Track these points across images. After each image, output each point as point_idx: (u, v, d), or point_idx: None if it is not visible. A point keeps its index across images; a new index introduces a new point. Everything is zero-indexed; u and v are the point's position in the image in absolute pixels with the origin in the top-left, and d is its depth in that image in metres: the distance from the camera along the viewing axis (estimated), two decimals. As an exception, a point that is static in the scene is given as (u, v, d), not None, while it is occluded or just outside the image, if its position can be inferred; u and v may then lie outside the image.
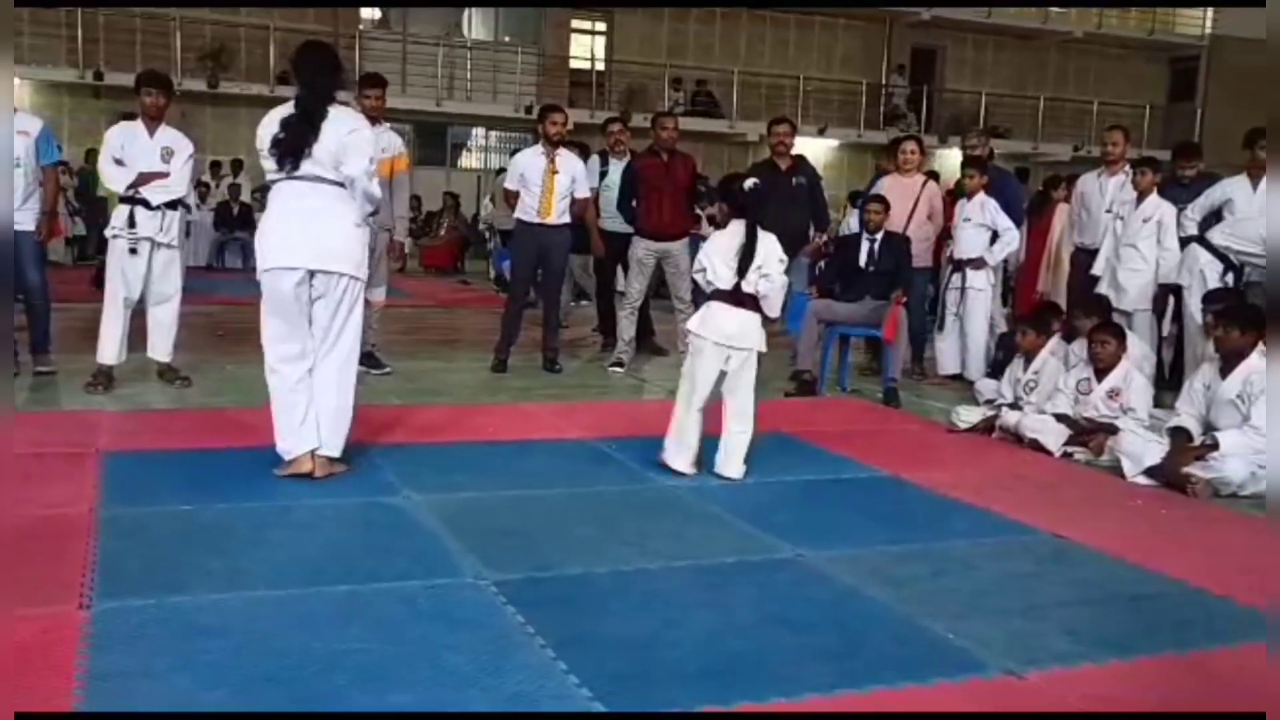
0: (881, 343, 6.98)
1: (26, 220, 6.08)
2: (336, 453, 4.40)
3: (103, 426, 5.13)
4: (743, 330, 4.68)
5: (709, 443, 4.77)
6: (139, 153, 5.96)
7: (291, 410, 4.31)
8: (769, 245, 4.73)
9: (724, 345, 4.66)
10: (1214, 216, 6.57)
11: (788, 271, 7.14)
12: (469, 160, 20.95)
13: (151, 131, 6.02)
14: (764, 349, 4.77)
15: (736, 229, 4.72)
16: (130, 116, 6.22)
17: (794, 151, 7.56)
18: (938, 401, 6.84)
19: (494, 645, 2.85)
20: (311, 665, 2.67)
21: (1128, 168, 7.24)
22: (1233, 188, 6.52)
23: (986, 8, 22.06)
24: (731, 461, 4.71)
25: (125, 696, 2.47)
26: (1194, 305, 6.45)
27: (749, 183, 4.78)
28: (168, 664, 2.64)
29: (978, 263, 7.25)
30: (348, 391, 4.41)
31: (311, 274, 4.23)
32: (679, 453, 4.73)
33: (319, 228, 4.23)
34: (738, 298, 4.67)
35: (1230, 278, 6.42)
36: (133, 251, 5.96)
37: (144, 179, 5.92)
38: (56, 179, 6.45)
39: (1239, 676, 2.93)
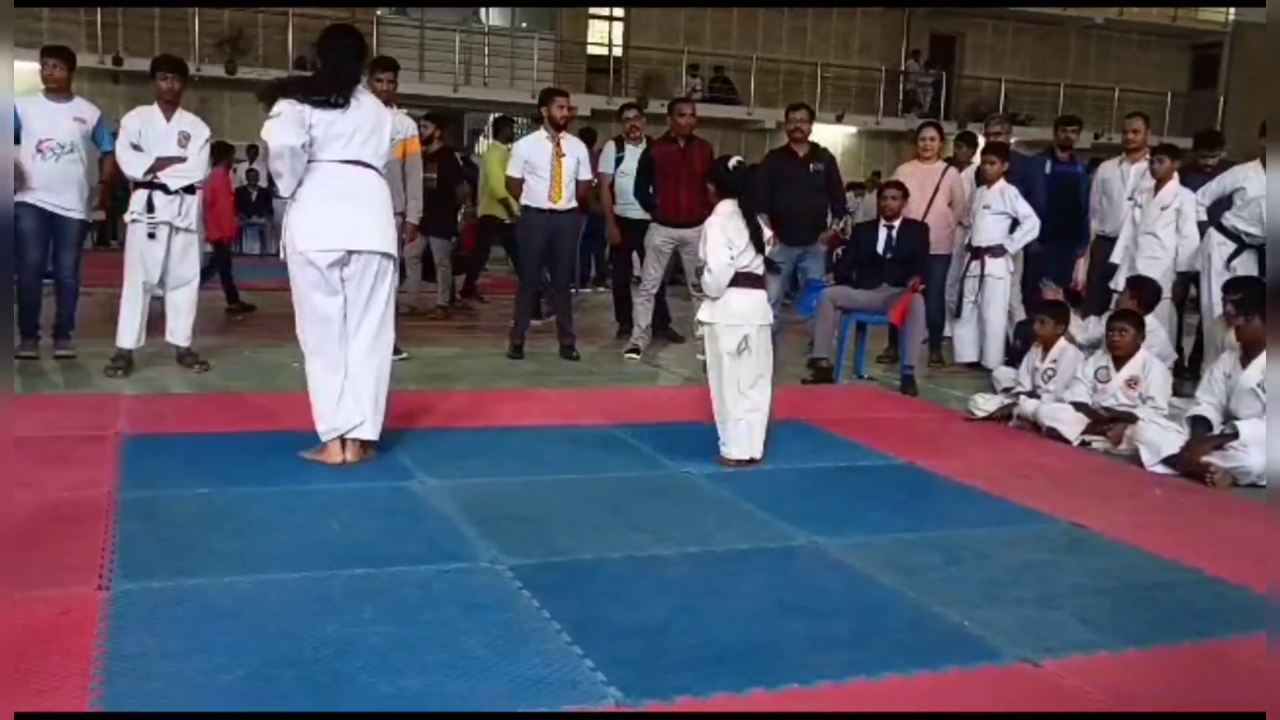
0: (899, 330, 6.95)
1: (74, 204, 6.16)
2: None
3: (122, 410, 5.17)
4: (755, 308, 4.68)
5: (709, 431, 4.76)
6: (156, 138, 5.98)
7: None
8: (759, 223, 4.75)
9: (740, 325, 4.63)
10: (1225, 202, 6.52)
11: (805, 258, 7.25)
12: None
13: (168, 116, 6.04)
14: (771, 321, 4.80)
15: (730, 210, 4.67)
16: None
17: (811, 138, 7.53)
18: (955, 390, 6.81)
19: (509, 629, 2.85)
20: (326, 648, 2.69)
21: (1148, 155, 7.19)
22: (1245, 174, 6.47)
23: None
24: (755, 442, 4.69)
25: (144, 678, 2.48)
26: (1211, 292, 6.40)
27: (733, 161, 4.75)
28: (185, 645, 2.66)
29: (997, 250, 7.20)
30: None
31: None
32: (737, 441, 4.67)
33: None
34: (751, 279, 4.66)
35: (1240, 262, 6.35)
36: (151, 236, 5.98)
37: (161, 164, 5.94)
38: (114, 165, 6.47)
39: (1256, 666, 2.91)
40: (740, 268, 4.62)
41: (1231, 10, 23.37)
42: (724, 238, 4.60)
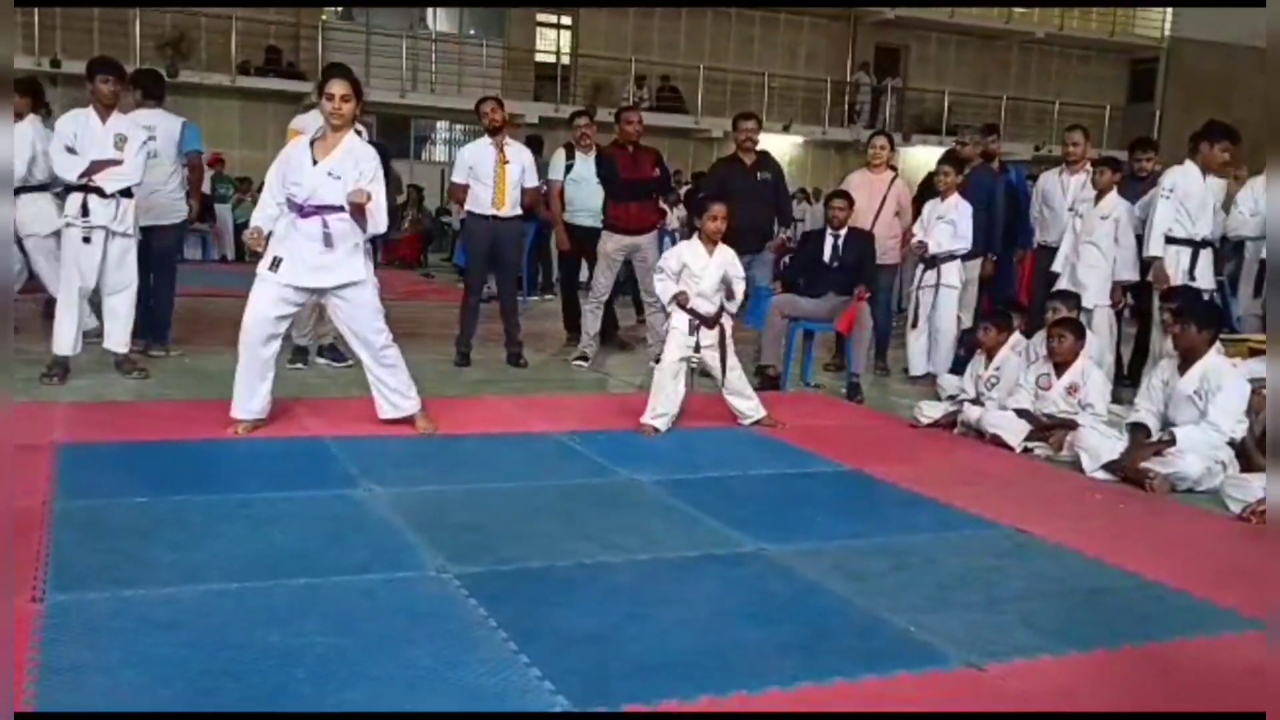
0: (846, 338, 6.98)
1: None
2: None
3: (58, 418, 5.05)
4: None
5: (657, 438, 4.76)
6: (92, 140, 5.85)
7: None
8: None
9: None
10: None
11: (751, 267, 7.28)
12: (433, 153, 20.86)
13: (104, 119, 5.92)
14: None
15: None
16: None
17: (759, 147, 7.57)
18: (901, 397, 6.87)
19: (455, 638, 2.82)
20: (268, 659, 2.64)
21: (1088, 167, 7.32)
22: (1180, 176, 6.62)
23: (949, 8, 22.25)
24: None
25: (78, 691, 2.42)
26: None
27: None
28: (121, 658, 2.60)
29: (948, 257, 7.22)
30: None
31: None
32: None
33: None
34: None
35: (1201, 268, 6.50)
36: (86, 240, 5.86)
37: (97, 167, 5.82)
38: (199, 166, 7.15)
39: (1195, 669, 2.97)
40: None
41: (1167, 25, 23.91)
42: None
